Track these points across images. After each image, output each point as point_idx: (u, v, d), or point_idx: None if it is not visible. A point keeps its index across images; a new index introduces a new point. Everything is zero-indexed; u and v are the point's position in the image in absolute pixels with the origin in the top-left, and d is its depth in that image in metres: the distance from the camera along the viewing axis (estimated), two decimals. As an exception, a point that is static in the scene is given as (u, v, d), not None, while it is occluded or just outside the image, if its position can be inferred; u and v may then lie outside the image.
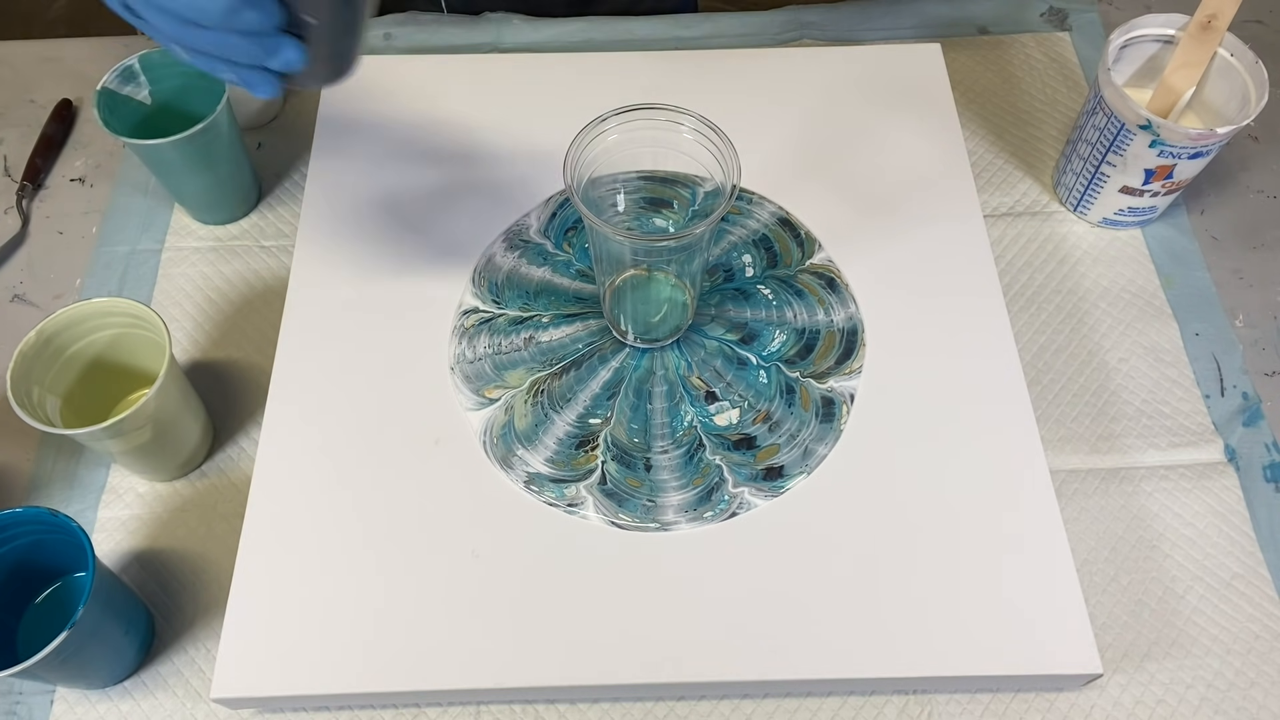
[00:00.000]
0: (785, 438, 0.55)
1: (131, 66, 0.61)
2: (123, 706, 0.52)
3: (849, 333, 0.58)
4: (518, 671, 0.49)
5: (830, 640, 0.49)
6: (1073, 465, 0.57)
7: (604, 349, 0.58)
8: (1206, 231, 0.66)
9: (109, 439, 0.51)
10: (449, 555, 0.52)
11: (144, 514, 0.57)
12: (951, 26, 0.76)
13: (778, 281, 0.60)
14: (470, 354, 0.58)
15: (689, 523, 0.53)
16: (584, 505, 0.53)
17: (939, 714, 0.51)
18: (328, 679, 0.49)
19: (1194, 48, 0.60)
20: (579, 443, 0.55)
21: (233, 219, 0.67)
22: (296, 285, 0.60)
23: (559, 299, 0.60)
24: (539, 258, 0.62)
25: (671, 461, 0.55)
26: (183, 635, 0.53)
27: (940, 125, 0.66)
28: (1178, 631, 0.53)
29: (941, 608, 0.50)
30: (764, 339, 0.58)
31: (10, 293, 0.65)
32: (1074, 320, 0.62)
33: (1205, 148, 0.58)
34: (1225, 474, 0.57)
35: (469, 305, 0.60)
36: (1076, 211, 0.66)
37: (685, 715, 0.51)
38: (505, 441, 0.55)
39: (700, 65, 0.69)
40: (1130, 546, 0.55)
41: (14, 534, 0.49)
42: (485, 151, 0.65)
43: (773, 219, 0.63)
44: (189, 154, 0.60)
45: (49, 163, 0.71)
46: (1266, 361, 0.61)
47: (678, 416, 0.56)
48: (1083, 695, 0.51)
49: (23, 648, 0.51)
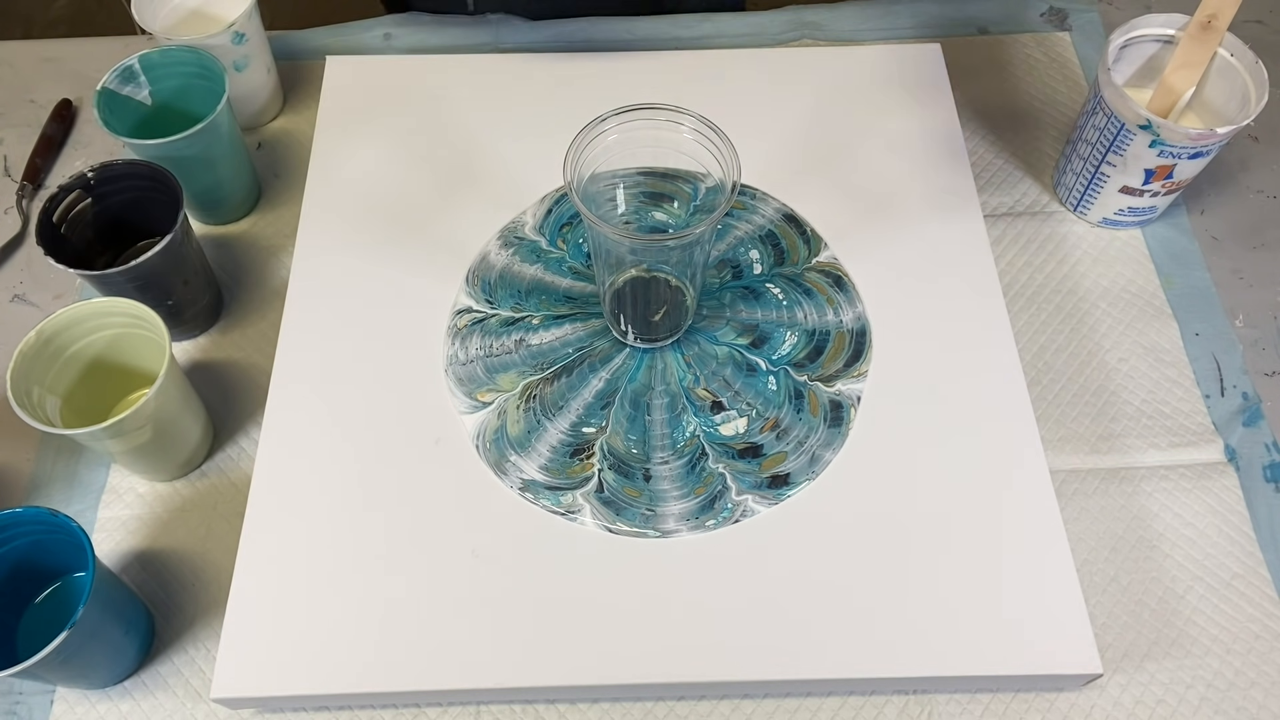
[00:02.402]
0: (793, 444, 0.55)
1: (131, 66, 0.61)
2: (123, 706, 0.52)
3: (858, 334, 0.58)
4: (517, 671, 0.49)
5: (830, 640, 0.49)
6: (1073, 465, 0.57)
7: (594, 355, 0.58)
8: (1206, 231, 0.66)
9: (109, 439, 0.51)
10: (449, 555, 0.52)
11: (144, 514, 0.57)
12: (951, 26, 0.76)
13: (786, 280, 0.60)
14: (462, 355, 0.58)
15: (690, 531, 0.52)
16: (581, 513, 0.53)
17: (939, 714, 0.51)
18: (327, 679, 0.49)
19: (1194, 48, 0.60)
20: (573, 451, 0.55)
21: (233, 219, 0.67)
22: (297, 285, 0.60)
23: (550, 298, 0.60)
24: (532, 255, 0.61)
25: (672, 472, 0.54)
26: (183, 635, 0.53)
27: (940, 125, 0.66)
28: (1178, 631, 0.53)
29: (941, 608, 0.50)
30: (775, 342, 0.58)
31: (10, 293, 0.65)
32: (1074, 320, 0.62)
33: (1205, 148, 0.58)
34: (1225, 474, 0.57)
35: (462, 305, 0.60)
36: (1076, 211, 0.66)
37: (685, 715, 0.51)
38: (498, 447, 0.55)
39: (700, 65, 0.69)
40: (1130, 546, 0.55)
41: (14, 534, 0.49)
42: (485, 151, 0.65)
43: (778, 215, 0.63)
44: (189, 154, 0.60)
45: (49, 163, 0.71)
46: (1266, 361, 0.61)
47: (679, 427, 0.55)
48: (1083, 695, 0.51)
49: (23, 648, 0.51)
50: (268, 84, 0.69)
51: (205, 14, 0.68)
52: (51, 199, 0.56)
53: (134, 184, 0.58)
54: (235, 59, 0.65)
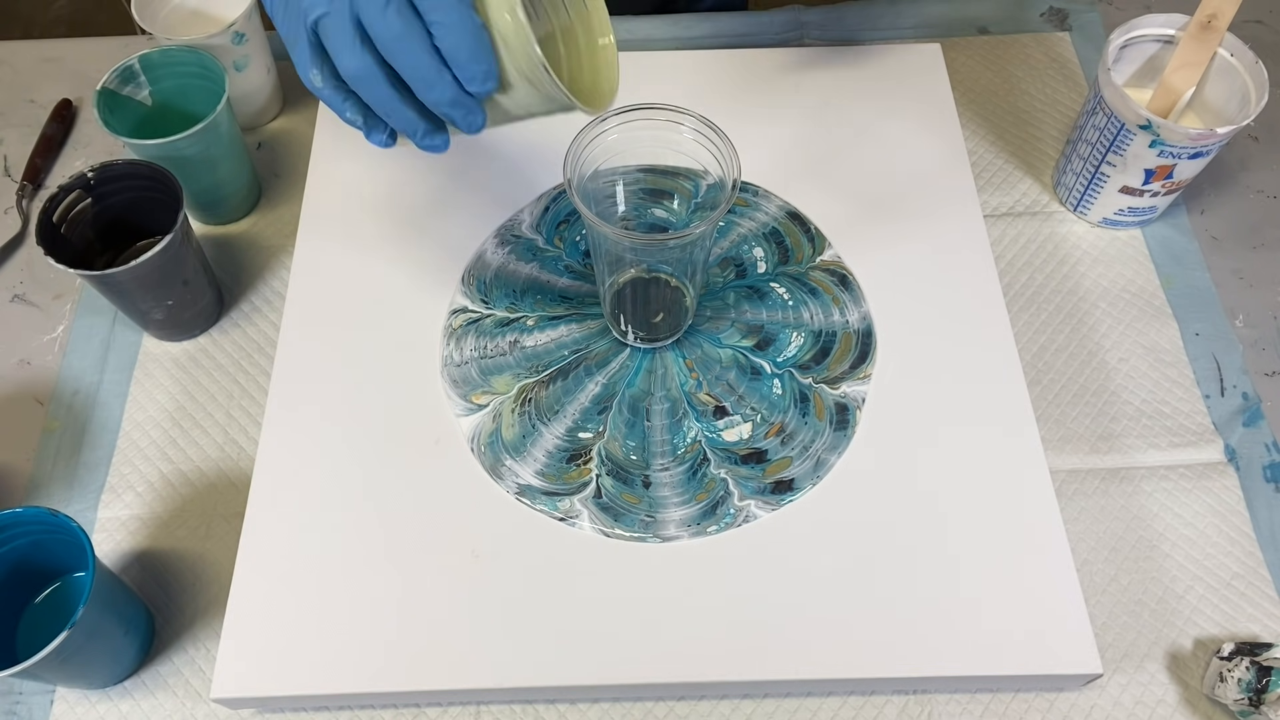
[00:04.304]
0: (798, 449, 0.54)
1: (131, 66, 0.61)
2: (123, 706, 0.52)
3: (864, 334, 0.58)
4: (518, 671, 0.49)
5: (830, 640, 0.49)
6: (1073, 465, 0.57)
7: (591, 358, 0.58)
8: (1206, 231, 0.66)
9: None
10: (449, 556, 0.52)
11: (144, 514, 0.57)
12: (951, 26, 0.76)
13: (791, 279, 0.60)
14: (457, 356, 0.57)
15: (691, 537, 0.52)
16: (579, 518, 0.53)
17: (939, 714, 0.51)
18: (327, 679, 0.49)
19: (1194, 48, 0.60)
20: (570, 456, 0.54)
21: (233, 219, 0.67)
22: (297, 285, 0.60)
23: (545, 298, 0.60)
24: (528, 254, 0.61)
25: (673, 478, 0.54)
26: (183, 635, 0.53)
27: (940, 125, 0.66)
28: (1178, 631, 0.53)
29: (941, 608, 0.50)
30: (780, 343, 0.58)
31: (10, 293, 0.65)
32: (1074, 320, 0.62)
33: (1205, 148, 0.58)
34: (1225, 474, 0.57)
35: (458, 304, 0.60)
36: (1076, 211, 0.66)
37: (685, 715, 0.51)
38: (493, 450, 0.55)
39: (700, 65, 0.69)
40: (1130, 546, 0.55)
41: (14, 534, 0.49)
42: (486, 150, 0.65)
43: (781, 212, 0.63)
44: (189, 154, 0.60)
45: (49, 163, 0.71)
46: (1266, 361, 0.61)
47: (680, 433, 0.55)
48: (1083, 695, 0.51)
49: (23, 648, 0.51)
50: (268, 84, 0.69)
51: (205, 14, 0.68)
52: (51, 199, 0.56)
53: (134, 184, 0.58)
54: (235, 59, 0.65)
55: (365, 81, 0.43)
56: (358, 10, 0.41)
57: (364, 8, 0.41)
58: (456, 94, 0.43)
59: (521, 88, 0.44)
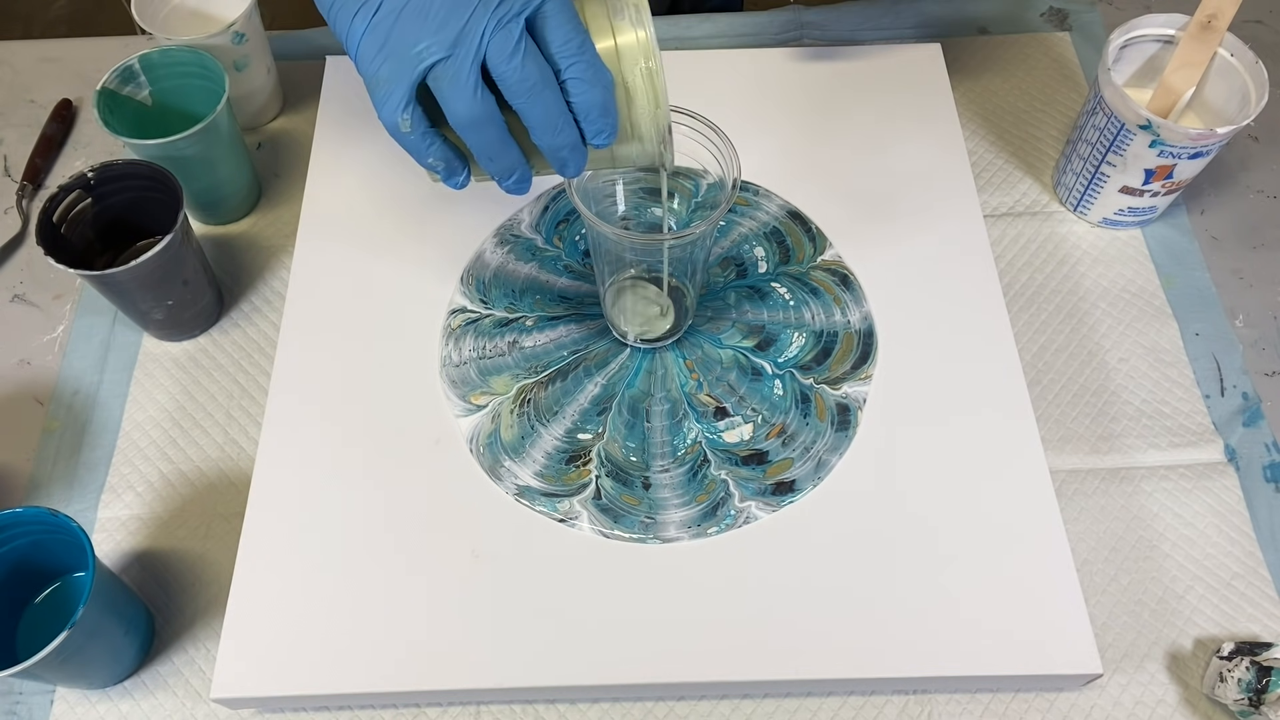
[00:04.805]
0: (799, 451, 0.54)
1: (131, 66, 0.61)
2: (123, 706, 0.52)
3: (865, 334, 0.58)
4: (518, 671, 0.49)
5: (830, 640, 0.49)
6: (1073, 465, 0.57)
7: (590, 359, 0.57)
8: (1206, 231, 0.66)
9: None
10: (449, 555, 0.52)
11: (144, 514, 0.57)
12: (951, 26, 0.76)
13: (792, 279, 0.60)
14: (456, 357, 0.57)
15: (691, 538, 0.52)
16: (579, 519, 0.53)
17: (939, 714, 0.51)
18: (327, 679, 0.49)
19: (1194, 48, 0.60)
20: (569, 458, 0.54)
21: (233, 219, 0.67)
22: (297, 285, 0.60)
23: (544, 298, 0.59)
24: (527, 253, 0.61)
25: (673, 480, 0.54)
26: (183, 635, 0.53)
27: (940, 125, 0.66)
28: (1178, 631, 0.52)
29: (941, 608, 0.50)
30: (781, 344, 0.58)
31: (10, 293, 0.65)
32: (1074, 320, 0.62)
33: (1205, 148, 0.58)
34: (1225, 474, 0.57)
35: (457, 304, 0.59)
36: (1076, 211, 0.66)
37: (685, 715, 0.51)
38: (492, 451, 0.55)
39: (700, 65, 0.69)
40: (1130, 546, 0.55)
41: (14, 534, 0.49)
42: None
43: (782, 211, 0.63)
44: (189, 154, 0.60)
45: (49, 163, 0.71)
46: (1266, 361, 0.61)
47: (680, 434, 0.55)
48: (1083, 695, 0.51)
49: (23, 648, 0.51)
50: (268, 84, 0.69)
51: (205, 14, 0.68)
52: (51, 199, 0.56)
53: (134, 184, 0.58)
54: (235, 59, 0.65)
55: (479, 126, 0.42)
56: (485, 56, 0.41)
57: (493, 53, 0.40)
58: (577, 140, 0.43)
59: (628, 143, 0.45)
